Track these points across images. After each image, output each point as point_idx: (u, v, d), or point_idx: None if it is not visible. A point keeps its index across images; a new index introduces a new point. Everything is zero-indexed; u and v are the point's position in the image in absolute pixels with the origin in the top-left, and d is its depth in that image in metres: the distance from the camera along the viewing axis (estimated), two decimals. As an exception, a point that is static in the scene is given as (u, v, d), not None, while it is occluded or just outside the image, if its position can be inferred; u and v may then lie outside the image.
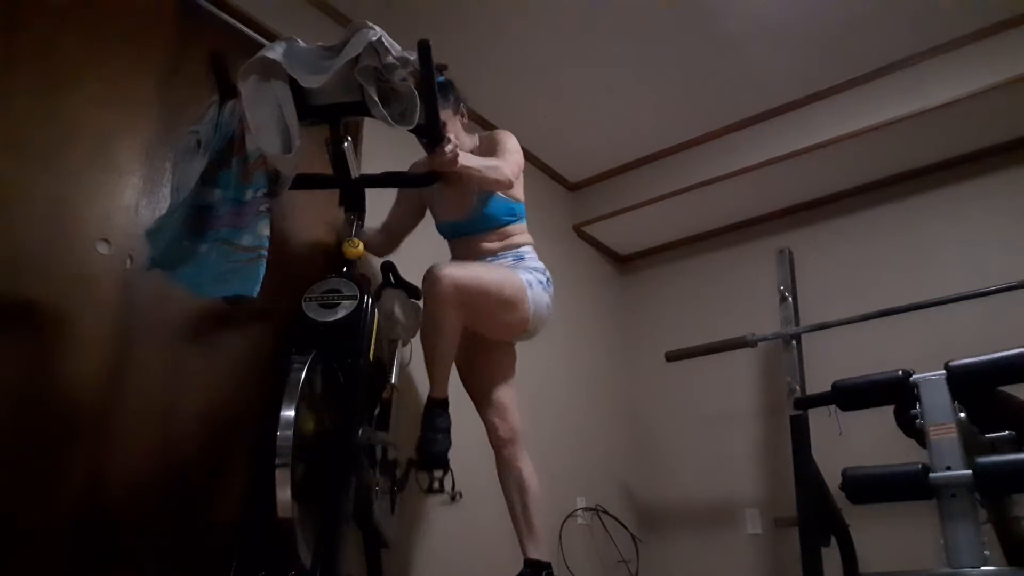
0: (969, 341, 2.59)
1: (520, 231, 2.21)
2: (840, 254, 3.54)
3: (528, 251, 2.19)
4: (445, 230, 2.27)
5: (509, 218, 2.17)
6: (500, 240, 2.16)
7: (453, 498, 2.01)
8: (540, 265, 2.18)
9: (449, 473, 1.99)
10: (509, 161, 2.06)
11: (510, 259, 2.14)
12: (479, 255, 2.14)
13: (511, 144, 2.15)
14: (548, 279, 2.16)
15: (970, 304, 2.84)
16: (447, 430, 1.93)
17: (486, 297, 1.95)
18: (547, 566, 1.97)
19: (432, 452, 1.89)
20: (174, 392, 1.84)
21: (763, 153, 3.35)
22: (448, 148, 1.75)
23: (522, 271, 2.08)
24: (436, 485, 2.12)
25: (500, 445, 2.06)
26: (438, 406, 1.95)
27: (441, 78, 1.99)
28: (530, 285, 2.05)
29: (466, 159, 1.86)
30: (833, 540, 2.69)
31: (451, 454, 1.95)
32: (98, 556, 1.62)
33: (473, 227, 2.16)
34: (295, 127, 1.64)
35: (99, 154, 1.81)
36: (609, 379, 3.92)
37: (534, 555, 1.96)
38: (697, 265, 4.06)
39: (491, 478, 2.08)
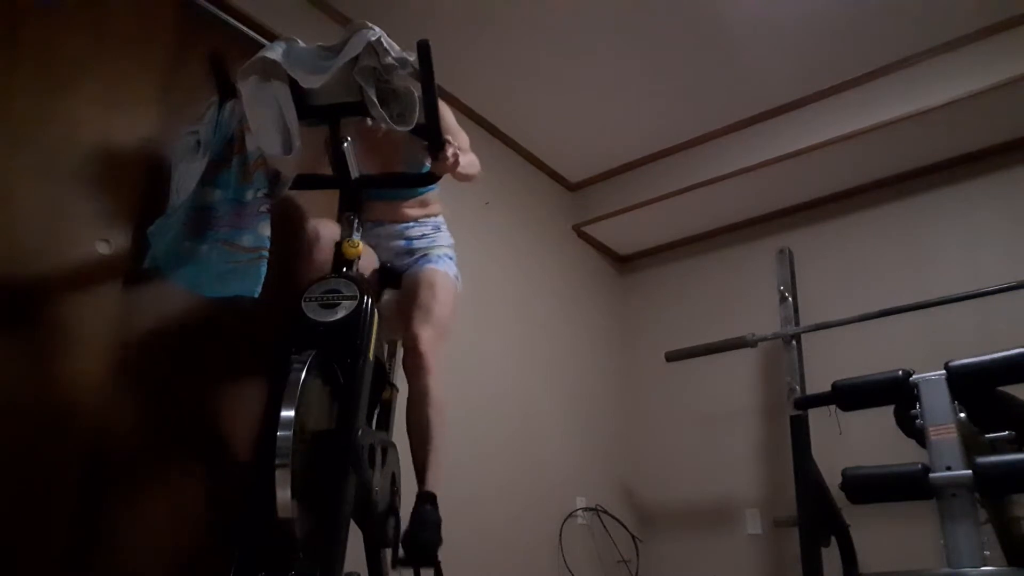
0: (969, 341, 2.60)
1: (436, 199, 2.20)
2: (840, 254, 3.54)
3: (442, 221, 2.20)
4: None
5: (432, 186, 2.14)
6: (422, 207, 2.15)
7: None
8: (451, 240, 2.19)
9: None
10: (468, 147, 2.03)
11: (429, 227, 2.14)
12: (401, 219, 2.11)
13: (453, 121, 2.10)
14: (454, 252, 2.18)
15: (970, 304, 2.84)
16: (438, 525, 1.72)
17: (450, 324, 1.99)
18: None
19: (420, 543, 1.66)
20: (174, 391, 1.84)
21: (763, 153, 3.35)
22: (450, 152, 1.74)
23: (446, 261, 2.09)
24: None
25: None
26: (428, 501, 1.75)
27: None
28: (457, 278, 2.08)
29: (464, 159, 1.85)
30: (833, 540, 2.69)
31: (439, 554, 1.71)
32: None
33: (397, 191, 2.13)
34: (295, 127, 1.64)
35: (99, 154, 1.81)
36: (609, 379, 3.92)
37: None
38: (697, 265, 4.06)
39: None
